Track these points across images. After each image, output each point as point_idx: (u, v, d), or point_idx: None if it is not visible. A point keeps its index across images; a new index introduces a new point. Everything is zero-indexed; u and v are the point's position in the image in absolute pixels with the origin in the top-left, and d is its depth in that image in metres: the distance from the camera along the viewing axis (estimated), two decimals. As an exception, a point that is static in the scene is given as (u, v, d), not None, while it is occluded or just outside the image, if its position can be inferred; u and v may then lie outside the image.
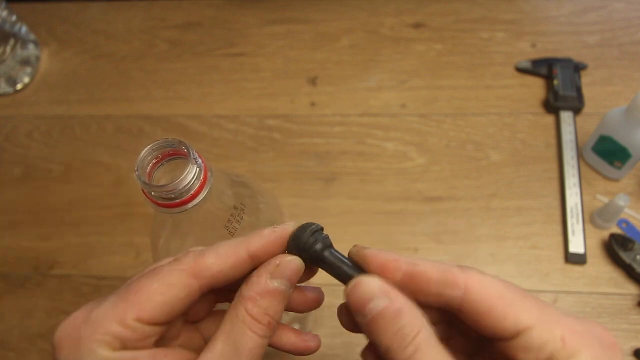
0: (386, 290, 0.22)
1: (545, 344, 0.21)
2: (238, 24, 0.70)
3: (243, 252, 0.24)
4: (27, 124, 0.65)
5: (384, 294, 0.22)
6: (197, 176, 0.26)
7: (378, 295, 0.22)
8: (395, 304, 0.21)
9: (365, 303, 0.22)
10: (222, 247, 0.24)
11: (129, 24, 0.72)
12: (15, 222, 0.58)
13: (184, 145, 0.26)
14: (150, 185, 0.26)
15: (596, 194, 0.54)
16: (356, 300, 0.22)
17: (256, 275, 0.24)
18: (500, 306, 0.22)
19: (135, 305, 0.22)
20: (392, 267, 0.23)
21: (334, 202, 0.56)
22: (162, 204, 0.26)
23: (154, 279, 0.23)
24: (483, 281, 0.22)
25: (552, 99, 0.58)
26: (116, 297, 0.23)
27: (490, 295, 0.22)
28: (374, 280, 0.22)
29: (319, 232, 0.25)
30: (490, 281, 0.22)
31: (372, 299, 0.22)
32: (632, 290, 0.49)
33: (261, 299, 0.23)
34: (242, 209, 0.30)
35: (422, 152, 0.58)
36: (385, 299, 0.21)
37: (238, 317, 0.23)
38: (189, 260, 0.23)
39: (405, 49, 0.66)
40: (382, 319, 0.21)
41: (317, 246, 0.25)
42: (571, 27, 0.65)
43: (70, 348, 0.22)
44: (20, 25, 0.68)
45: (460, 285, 0.22)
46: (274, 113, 0.62)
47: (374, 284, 0.22)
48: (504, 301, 0.22)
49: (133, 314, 0.22)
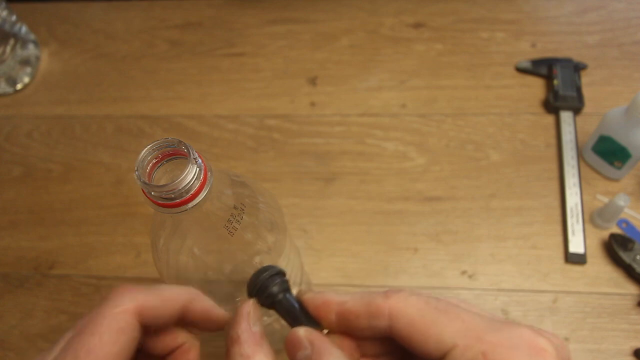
0: (311, 339, 0.23)
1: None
2: (238, 24, 0.70)
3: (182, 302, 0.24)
4: (27, 124, 0.65)
5: (309, 344, 0.22)
6: (197, 176, 0.26)
7: (304, 345, 0.23)
8: (315, 352, 0.22)
9: (295, 352, 0.23)
10: (166, 291, 0.24)
11: (129, 24, 0.72)
12: (15, 222, 0.58)
13: (183, 145, 0.26)
14: (150, 185, 0.26)
15: (596, 194, 0.54)
16: (288, 349, 0.23)
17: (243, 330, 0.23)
18: (422, 328, 0.21)
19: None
20: (324, 311, 0.24)
21: (334, 202, 0.56)
22: (162, 204, 0.26)
23: (100, 332, 0.21)
24: (406, 305, 0.22)
25: (552, 99, 0.58)
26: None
27: (412, 317, 0.22)
28: (301, 330, 0.23)
29: (278, 275, 0.26)
30: (413, 303, 0.22)
31: (300, 349, 0.23)
32: (632, 290, 0.49)
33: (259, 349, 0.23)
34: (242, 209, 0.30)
35: (422, 152, 0.58)
36: (307, 349, 0.22)
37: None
38: (129, 299, 0.22)
39: (405, 49, 0.66)
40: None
41: (273, 289, 0.25)
42: (571, 27, 0.65)
43: None
44: (20, 25, 0.68)
45: (384, 313, 0.22)
46: (274, 113, 0.62)
47: (300, 334, 0.23)
48: (425, 322, 0.21)
49: None
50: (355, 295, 0.23)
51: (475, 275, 0.51)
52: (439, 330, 0.21)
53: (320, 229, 0.54)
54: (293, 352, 0.23)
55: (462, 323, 0.21)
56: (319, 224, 0.55)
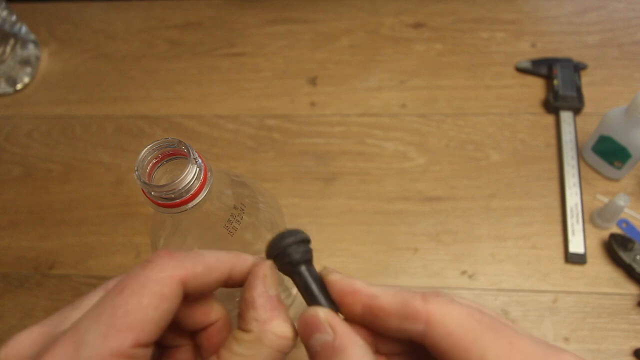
0: (333, 324, 0.21)
1: None
2: (238, 24, 0.70)
3: (227, 269, 0.23)
4: (27, 124, 0.65)
5: (330, 328, 0.21)
6: (197, 176, 0.26)
7: (323, 328, 0.21)
8: (337, 339, 0.20)
9: (311, 334, 0.21)
10: (209, 257, 0.22)
11: (129, 24, 0.72)
12: (15, 222, 0.58)
13: (183, 145, 0.26)
14: (150, 185, 0.26)
15: (596, 194, 0.54)
16: (303, 329, 0.21)
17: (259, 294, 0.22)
18: (464, 342, 0.20)
19: (131, 330, 0.19)
20: (351, 299, 0.22)
21: (334, 202, 0.56)
22: (162, 204, 0.26)
23: (141, 293, 0.19)
24: (446, 314, 0.20)
25: (552, 99, 0.58)
26: (102, 325, 0.19)
27: (453, 329, 0.20)
28: (321, 311, 0.21)
29: (303, 243, 0.24)
30: (455, 313, 0.20)
31: (317, 331, 0.21)
32: (632, 290, 0.49)
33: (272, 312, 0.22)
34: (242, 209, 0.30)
35: (422, 152, 0.58)
36: (329, 334, 0.21)
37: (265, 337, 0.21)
38: (174, 266, 0.21)
39: (405, 49, 0.66)
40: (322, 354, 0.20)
41: (295, 257, 0.23)
42: (571, 27, 0.65)
43: None
44: (20, 25, 0.68)
45: (421, 319, 0.20)
46: (274, 113, 0.62)
47: (321, 315, 0.21)
48: (468, 337, 0.20)
49: (130, 341, 0.19)
50: (389, 291, 0.21)
51: (475, 275, 0.51)
52: (483, 350, 0.19)
53: (320, 229, 0.54)
54: (309, 333, 0.21)
55: (509, 345, 0.19)
56: (319, 224, 0.55)
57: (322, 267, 0.24)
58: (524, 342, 0.20)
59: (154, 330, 0.20)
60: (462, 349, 0.20)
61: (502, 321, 0.21)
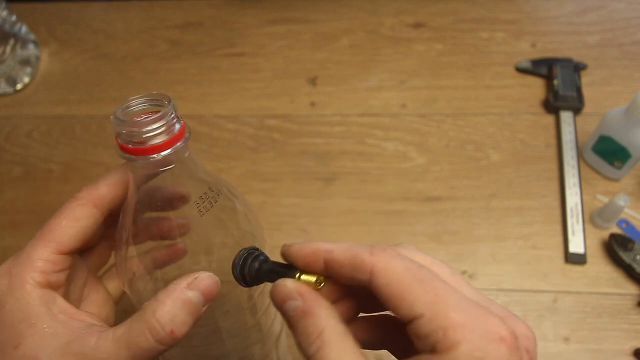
0: (301, 291, 0.24)
1: (430, 334, 0.21)
2: (238, 24, 0.70)
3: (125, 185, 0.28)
4: (27, 124, 0.65)
5: (298, 295, 0.23)
6: (171, 123, 0.25)
7: (293, 296, 0.24)
8: (305, 304, 0.23)
9: (282, 303, 0.24)
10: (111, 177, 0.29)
11: (129, 24, 0.72)
12: (15, 222, 0.58)
13: (166, 99, 0.26)
14: (122, 120, 0.25)
15: (596, 194, 0.54)
16: (275, 300, 0.24)
17: (174, 283, 0.26)
18: (397, 292, 0.22)
19: (52, 242, 0.27)
20: (313, 258, 0.24)
21: (334, 202, 0.56)
22: (128, 148, 0.25)
23: (61, 217, 0.28)
24: (388, 266, 0.23)
25: (552, 99, 0.58)
26: (35, 241, 0.27)
27: (391, 279, 0.22)
28: (289, 282, 0.24)
29: (249, 255, 0.26)
30: (395, 266, 0.23)
31: (288, 299, 0.24)
32: (632, 290, 0.49)
33: (171, 304, 0.25)
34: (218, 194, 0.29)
35: (422, 152, 0.58)
36: (298, 300, 0.23)
37: (144, 317, 0.25)
38: (85, 194, 0.28)
39: (405, 49, 0.66)
40: (293, 319, 0.23)
41: (251, 268, 0.26)
42: (571, 27, 0.65)
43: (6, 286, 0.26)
44: (20, 25, 0.68)
45: (366, 269, 0.23)
46: (274, 113, 0.62)
47: (289, 285, 0.24)
48: (402, 287, 0.22)
49: (51, 249, 0.27)
50: (343, 246, 0.24)
51: (475, 275, 0.51)
52: (412, 298, 0.22)
53: (320, 229, 0.54)
54: (281, 302, 0.24)
55: (434, 296, 0.22)
56: (319, 224, 0.55)
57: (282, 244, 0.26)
58: (451, 296, 0.22)
59: (71, 242, 0.27)
60: (396, 296, 0.22)
61: (436, 275, 0.23)
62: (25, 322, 0.25)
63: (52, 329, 0.26)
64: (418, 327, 0.22)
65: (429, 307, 0.22)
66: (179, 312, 0.25)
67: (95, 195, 0.28)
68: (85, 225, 0.28)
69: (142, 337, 0.24)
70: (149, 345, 0.24)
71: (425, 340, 0.21)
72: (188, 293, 0.25)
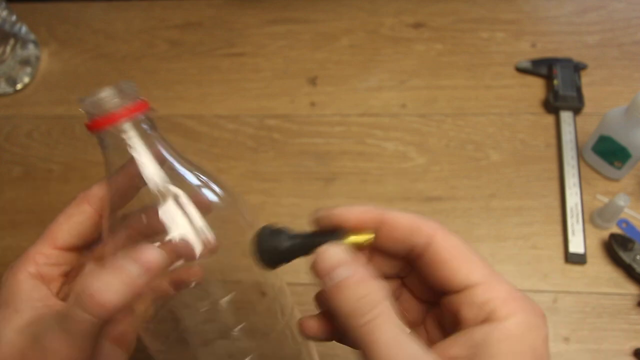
0: (350, 260, 0.24)
1: (488, 301, 0.23)
2: (238, 24, 0.70)
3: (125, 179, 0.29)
4: (27, 124, 0.65)
5: (348, 264, 0.23)
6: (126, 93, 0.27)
7: (343, 264, 0.23)
8: (359, 273, 0.23)
9: (330, 270, 0.23)
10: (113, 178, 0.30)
11: (129, 24, 0.72)
12: (15, 222, 0.58)
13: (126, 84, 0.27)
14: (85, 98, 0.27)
15: (596, 194, 0.54)
16: (322, 268, 0.24)
17: (116, 255, 0.26)
18: (456, 260, 0.24)
19: (49, 238, 0.30)
20: (365, 218, 0.25)
21: (334, 202, 0.56)
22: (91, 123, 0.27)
23: (59, 216, 0.30)
24: (445, 235, 0.24)
25: (552, 99, 0.58)
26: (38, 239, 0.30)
27: (449, 248, 0.24)
28: (339, 249, 0.24)
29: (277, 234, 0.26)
30: (451, 236, 0.24)
31: (338, 266, 0.23)
32: (632, 290, 0.49)
33: (105, 273, 0.24)
34: None
35: (422, 152, 0.58)
36: (349, 269, 0.23)
37: (79, 291, 0.24)
38: (80, 195, 0.31)
39: (405, 49, 0.66)
40: (346, 287, 0.23)
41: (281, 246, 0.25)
42: (571, 27, 0.65)
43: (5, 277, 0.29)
44: (20, 25, 0.68)
45: (425, 234, 0.24)
46: (274, 113, 0.62)
47: (340, 253, 0.24)
48: (460, 256, 0.24)
49: (49, 245, 0.29)
50: (395, 210, 0.25)
51: (475, 275, 0.51)
52: (470, 267, 0.23)
53: (320, 229, 0.54)
54: (327, 270, 0.23)
55: (490, 270, 0.24)
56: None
57: (314, 211, 0.26)
58: (498, 275, 0.24)
59: (65, 237, 0.30)
60: (454, 264, 0.23)
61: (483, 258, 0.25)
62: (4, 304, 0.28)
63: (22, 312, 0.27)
64: (473, 294, 0.23)
65: (486, 277, 0.23)
66: (110, 280, 0.24)
67: (88, 194, 0.30)
68: (78, 221, 0.30)
69: (72, 309, 0.24)
70: (77, 316, 0.24)
71: (480, 308, 0.23)
72: (125, 264, 0.25)
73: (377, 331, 0.21)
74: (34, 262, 0.29)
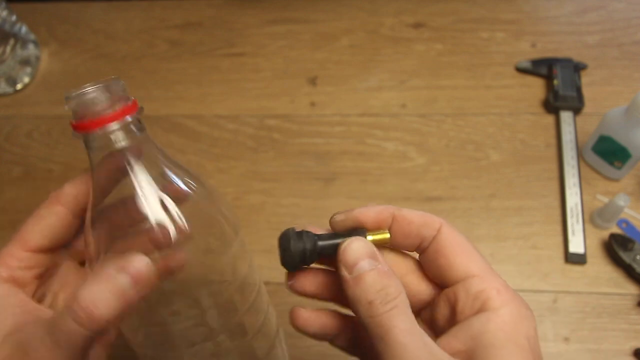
0: (374, 254, 0.25)
1: (482, 291, 0.25)
2: (238, 24, 0.70)
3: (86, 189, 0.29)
4: (27, 124, 0.65)
5: (373, 257, 0.25)
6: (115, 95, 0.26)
7: (367, 257, 0.25)
8: (382, 266, 0.25)
9: (356, 262, 0.25)
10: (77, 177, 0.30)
11: (129, 24, 0.72)
12: (15, 222, 0.58)
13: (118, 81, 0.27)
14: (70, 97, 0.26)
15: (596, 194, 0.54)
16: (348, 259, 0.25)
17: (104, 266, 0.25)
18: (458, 252, 0.26)
19: (20, 240, 0.29)
20: (383, 217, 0.27)
21: (334, 202, 0.56)
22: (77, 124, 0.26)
23: (29, 218, 0.30)
24: (450, 229, 0.27)
25: (552, 99, 0.58)
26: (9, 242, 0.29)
27: (453, 241, 0.26)
28: (364, 242, 0.26)
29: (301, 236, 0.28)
30: (455, 231, 0.27)
31: (362, 259, 0.25)
32: (632, 290, 0.49)
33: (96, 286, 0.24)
34: None
35: (422, 152, 0.58)
36: (372, 262, 0.25)
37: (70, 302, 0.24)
38: (51, 195, 0.30)
39: (405, 49, 0.66)
40: (369, 277, 0.24)
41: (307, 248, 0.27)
42: (571, 27, 0.65)
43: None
44: (20, 25, 0.68)
45: (435, 226, 0.27)
46: (274, 113, 0.62)
47: (365, 246, 0.26)
48: (461, 249, 0.26)
49: (19, 246, 0.29)
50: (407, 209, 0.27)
51: (475, 275, 0.51)
52: (471, 258, 0.26)
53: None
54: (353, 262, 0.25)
55: (486, 263, 0.26)
56: (319, 224, 0.54)
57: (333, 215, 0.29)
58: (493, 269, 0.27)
59: (37, 239, 0.29)
60: (456, 256, 0.26)
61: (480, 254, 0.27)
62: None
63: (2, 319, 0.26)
64: (470, 284, 0.25)
65: (482, 269, 0.26)
66: (102, 293, 0.24)
67: (59, 194, 0.30)
68: (49, 223, 0.29)
69: (62, 320, 0.24)
70: (68, 328, 0.23)
71: (476, 297, 0.25)
72: (115, 275, 0.24)
73: (395, 319, 0.23)
74: (6, 266, 0.28)
